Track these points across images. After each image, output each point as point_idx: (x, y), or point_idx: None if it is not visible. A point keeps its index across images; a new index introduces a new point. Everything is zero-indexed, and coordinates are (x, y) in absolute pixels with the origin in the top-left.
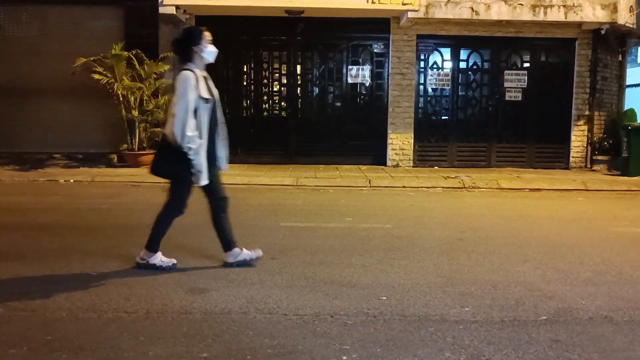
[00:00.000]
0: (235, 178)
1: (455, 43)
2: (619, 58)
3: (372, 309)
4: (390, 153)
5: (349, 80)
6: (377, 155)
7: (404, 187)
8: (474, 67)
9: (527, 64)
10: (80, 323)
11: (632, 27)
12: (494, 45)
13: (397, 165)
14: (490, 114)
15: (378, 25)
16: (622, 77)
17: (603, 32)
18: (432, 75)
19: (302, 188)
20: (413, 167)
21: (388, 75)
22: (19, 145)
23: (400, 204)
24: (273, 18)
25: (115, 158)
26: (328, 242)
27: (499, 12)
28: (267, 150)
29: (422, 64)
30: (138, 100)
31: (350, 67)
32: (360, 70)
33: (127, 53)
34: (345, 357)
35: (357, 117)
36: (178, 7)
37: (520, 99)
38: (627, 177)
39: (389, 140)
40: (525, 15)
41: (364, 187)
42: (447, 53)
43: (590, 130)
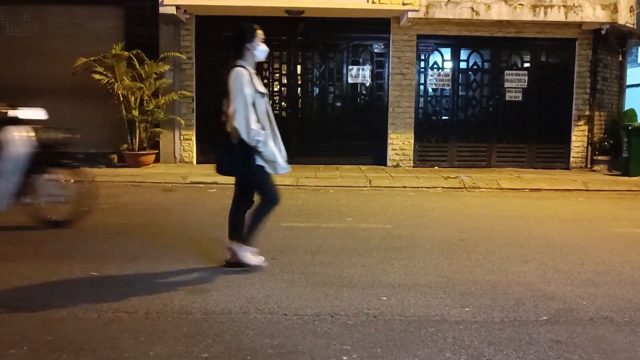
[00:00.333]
0: None
1: (456, 43)
2: (619, 58)
3: (372, 309)
4: (391, 153)
5: (349, 81)
6: (377, 156)
7: (404, 187)
8: (474, 67)
9: (527, 64)
10: (81, 323)
11: (632, 27)
12: (494, 46)
13: (397, 166)
14: (491, 114)
15: (378, 26)
16: (622, 77)
17: (603, 32)
18: (432, 76)
19: (302, 188)
20: (413, 167)
21: (388, 76)
22: None
23: (401, 204)
24: (273, 18)
25: (116, 158)
26: (328, 242)
27: (499, 12)
28: None
29: (422, 64)
30: (138, 100)
31: (351, 67)
32: (361, 71)
33: (127, 53)
34: (346, 357)
35: (357, 117)
36: (178, 7)
37: (521, 99)
38: (627, 177)
39: (389, 141)
40: (526, 16)
41: (364, 187)
42: (447, 53)
43: (591, 131)
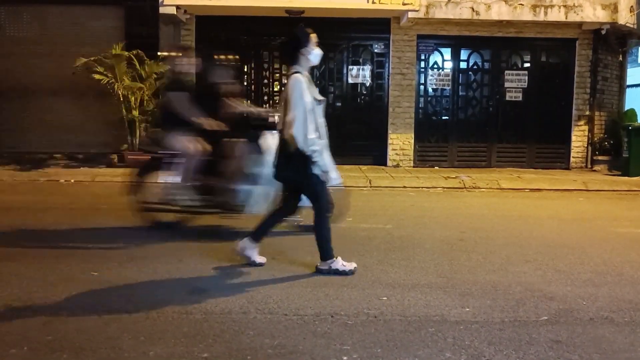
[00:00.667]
0: None
1: (456, 43)
2: (620, 58)
3: (372, 309)
4: (391, 153)
5: (350, 81)
6: (377, 156)
7: (405, 187)
8: (475, 67)
9: (527, 64)
10: (81, 323)
11: (632, 27)
12: (495, 46)
13: (397, 166)
14: (491, 114)
15: (378, 26)
16: (622, 77)
17: (603, 32)
18: (432, 76)
19: None
20: (413, 167)
21: (388, 76)
22: (20, 145)
23: (401, 204)
24: (273, 18)
25: (116, 158)
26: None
27: (500, 12)
28: None
29: (422, 64)
30: (138, 101)
31: (351, 67)
32: (361, 71)
33: (127, 53)
34: (346, 357)
35: (357, 117)
36: (178, 7)
37: (521, 99)
38: (627, 177)
39: (390, 141)
40: (526, 16)
41: (365, 187)
42: (447, 53)
43: (591, 131)
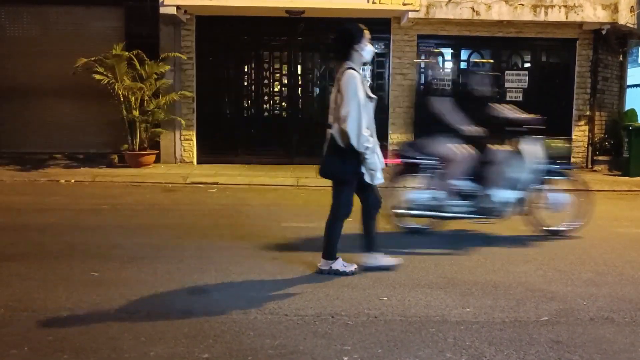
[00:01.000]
0: (236, 178)
1: (456, 43)
2: (620, 58)
3: (373, 310)
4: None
5: None
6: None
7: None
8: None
9: (527, 64)
10: (81, 323)
11: (633, 27)
12: (495, 46)
13: None
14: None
15: (379, 26)
16: (623, 77)
17: (604, 32)
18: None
19: (303, 188)
20: None
21: (389, 76)
22: (20, 145)
23: None
24: (274, 18)
25: (116, 158)
26: None
27: (500, 12)
28: (268, 151)
29: (423, 64)
30: (139, 101)
31: None
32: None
33: (127, 53)
34: (347, 357)
35: None
36: (179, 7)
37: (521, 99)
38: (628, 177)
39: (390, 140)
40: (526, 16)
41: None
42: (447, 53)
43: (591, 131)
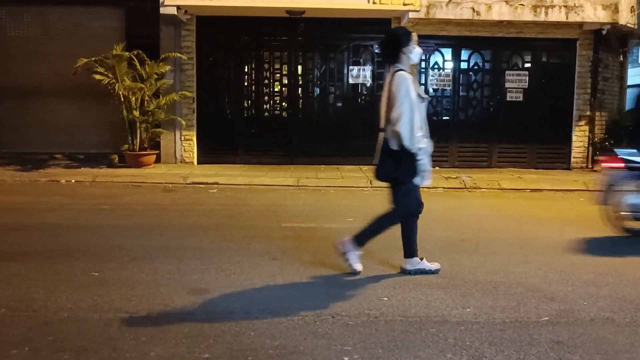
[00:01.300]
0: (237, 178)
1: (456, 43)
2: (620, 58)
3: (373, 310)
4: None
5: (350, 81)
6: None
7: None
8: (475, 67)
9: (528, 65)
10: (82, 323)
11: (633, 27)
12: (495, 46)
13: None
14: (492, 115)
15: (379, 26)
16: (623, 77)
17: (604, 32)
18: (433, 76)
19: (303, 188)
20: None
21: None
22: (20, 146)
23: None
24: (274, 18)
25: (117, 158)
26: (329, 242)
27: (500, 12)
28: (268, 151)
29: (423, 65)
30: (139, 101)
31: (352, 67)
32: (362, 71)
33: (128, 53)
34: (347, 357)
35: (358, 117)
36: (179, 7)
37: (522, 100)
38: None
39: None
40: (527, 16)
41: (365, 187)
42: (448, 53)
43: (592, 131)
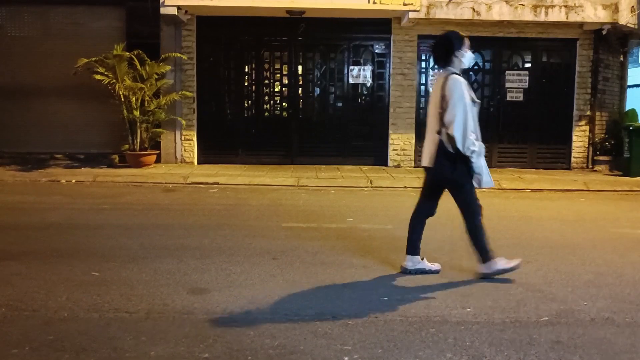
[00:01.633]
0: (237, 178)
1: None
2: (621, 58)
3: (373, 310)
4: (392, 153)
5: (350, 81)
6: (378, 156)
7: (406, 187)
8: (475, 67)
9: (528, 65)
10: (82, 323)
11: (633, 27)
12: (496, 46)
13: (398, 166)
14: (492, 115)
15: (379, 26)
16: (623, 77)
17: (604, 32)
18: (433, 76)
19: (303, 188)
20: (414, 167)
21: (389, 76)
22: (21, 146)
23: (402, 205)
24: (274, 18)
25: (117, 158)
26: (329, 242)
27: (501, 12)
28: (268, 151)
29: (423, 65)
30: (139, 101)
31: (352, 67)
32: (362, 71)
33: (128, 53)
34: (347, 357)
35: (358, 117)
36: (179, 7)
37: (522, 100)
38: (628, 177)
39: (390, 141)
40: (527, 16)
41: (366, 187)
42: None
43: (592, 131)
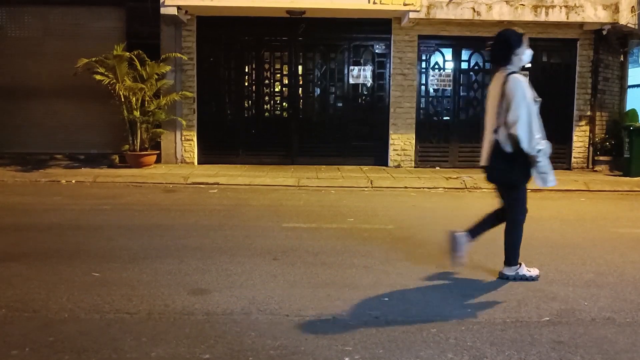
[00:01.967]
0: (237, 178)
1: (457, 43)
2: (621, 58)
3: (374, 310)
4: (392, 154)
5: (351, 81)
6: (378, 156)
7: (406, 187)
8: (476, 67)
9: (528, 65)
10: (83, 324)
11: (633, 27)
12: None
13: (398, 166)
14: None
15: (379, 26)
16: (623, 77)
17: (605, 32)
18: (433, 76)
19: (303, 189)
20: (415, 167)
21: (389, 76)
22: (21, 146)
23: (402, 205)
24: (275, 19)
25: (117, 159)
26: (330, 243)
27: (501, 12)
28: (268, 151)
29: (423, 65)
30: (139, 101)
31: (352, 67)
32: (362, 71)
33: (128, 54)
34: (348, 358)
35: (358, 117)
36: (180, 7)
37: None
38: (629, 177)
39: (391, 141)
40: (527, 16)
41: (366, 187)
42: (448, 53)
43: (592, 131)
